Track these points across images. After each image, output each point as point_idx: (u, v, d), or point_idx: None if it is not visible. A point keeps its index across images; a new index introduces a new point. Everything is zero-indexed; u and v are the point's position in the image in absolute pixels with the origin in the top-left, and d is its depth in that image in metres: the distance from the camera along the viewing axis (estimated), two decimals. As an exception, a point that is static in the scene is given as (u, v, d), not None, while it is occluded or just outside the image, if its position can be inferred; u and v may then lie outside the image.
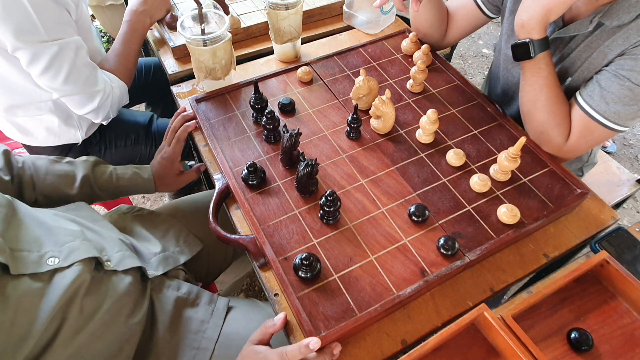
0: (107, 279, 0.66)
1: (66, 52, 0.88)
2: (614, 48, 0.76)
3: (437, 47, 1.09)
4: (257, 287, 1.53)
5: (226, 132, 0.87)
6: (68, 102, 0.97)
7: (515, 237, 0.71)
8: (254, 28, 1.13)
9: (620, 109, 0.75)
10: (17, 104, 1.00)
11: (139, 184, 0.90)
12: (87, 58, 0.94)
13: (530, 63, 0.79)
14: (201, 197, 1.03)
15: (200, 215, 0.95)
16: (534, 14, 0.74)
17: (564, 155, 0.84)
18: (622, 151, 2.14)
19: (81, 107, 0.97)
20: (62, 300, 0.57)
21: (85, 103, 0.97)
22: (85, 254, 0.62)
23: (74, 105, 0.97)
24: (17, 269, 0.55)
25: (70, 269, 0.60)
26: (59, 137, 1.08)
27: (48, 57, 0.86)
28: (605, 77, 0.77)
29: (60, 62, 0.88)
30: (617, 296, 0.67)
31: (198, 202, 1.00)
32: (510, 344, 0.56)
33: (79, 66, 0.91)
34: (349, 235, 0.71)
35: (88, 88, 0.94)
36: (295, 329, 0.64)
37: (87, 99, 0.96)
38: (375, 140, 0.86)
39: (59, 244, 0.62)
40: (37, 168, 0.80)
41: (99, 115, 1.01)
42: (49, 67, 0.87)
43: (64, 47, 0.87)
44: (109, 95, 0.99)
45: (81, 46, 0.92)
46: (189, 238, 0.89)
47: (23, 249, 0.58)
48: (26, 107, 1.01)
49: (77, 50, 0.90)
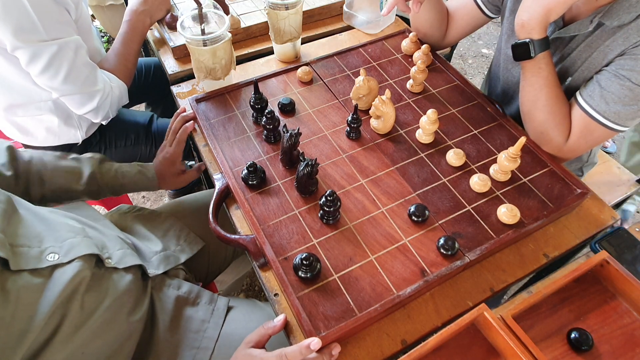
0: (108, 276, 0.66)
1: (66, 52, 0.88)
2: (614, 48, 0.76)
3: (437, 47, 1.09)
4: (257, 287, 1.53)
5: (226, 132, 0.87)
6: (67, 102, 0.97)
7: (515, 237, 0.71)
8: (254, 28, 1.13)
9: (621, 108, 0.75)
10: (17, 104, 1.00)
11: (143, 182, 0.91)
12: (86, 58, 0.93)
13: (530, 63, 0.79)
14: (201, 196, 1.03)
15: (201, 214, 0.95)
16: (534, 14, 0.74)
17: (564, 155, 0.84)
18: (622, 151, 2.14)
19: (80, 106, 0.97)
20: (62, 296, 0.57)
21: (85, 103, 0.97)
22: (86, 250, 0.63)
23: (74, 105, 0.97)
24: (18, 264, 0.55)
25: (71, 265, 0.60)
26: (58, 137, 1.08)
27: (47, 57, 0.86)
28: (606, 77, 0.77)
29: (59, 61, 0.88)
30: (617, 296, 0.67)
31: (199, 201, 1.01)
32: (510, 344, 0.57)
33: (78, 66, 0.91)
34: (349, 235, 0.71)
35: (87, 88, 0.94)
36: (295, 329, 0.64)
37: (86, 98, 0.96)
38: (375, 140, 0.86)
39: (60, 240, 0.62)
40: (44, 164, 0.81)
41: (99, 114, 1.01)
42: (48, 66, 0.87)
43: (63, 47, 0.87)
44: (108, 94, 0.99)
45: (81, 46, 0.92)
46: (189, 237, 0.89)
47: (23, 244, 0.58)
48: (26, 107, 1.01)
49: (77, 49, 0.90)
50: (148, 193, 1.88)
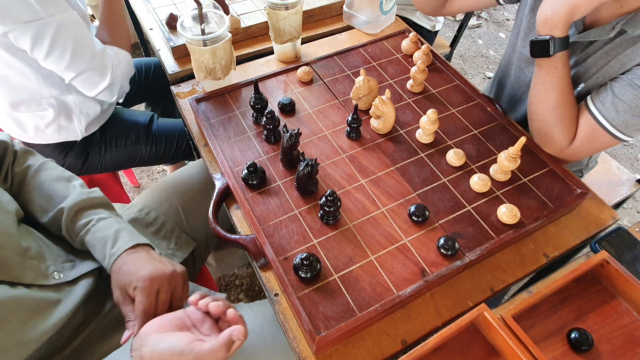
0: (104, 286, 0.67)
1: (67, 28, 0.88)
2: (633, 58, 0.75)
3: (434, 14, 1.07)
4: (257, 287, 1.53)
5: (226, 132, 0.87)
6: (80, 84, 0.96)
7: (515, 237, 0.71)
8: (254, 28, 1.13)
9: (629, 118, 0.74)
10: (19, 101, 1.00)
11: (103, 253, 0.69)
12: (89, 32, 0.93)
13: (547, 61, 0.77)
14: (189, 171, 1.01)
15: (194, 193, 0.95)
16: (558, 10, 0.71)
17: (564, 158, 0.84)
18: (622, 151, 2.14)
19: (94, 86, 0.97)
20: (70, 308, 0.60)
21: (98, 81, 0.97)
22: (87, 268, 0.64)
23: (87, 86, 0.97)
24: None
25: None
26: (58, 134, 1.08)
27: (50, 36, 0.86)
28: (620, 84, 0.75)
29: (64, 38, 0.87)
30: (617, 296, 0.68)
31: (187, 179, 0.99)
32: (510, 344, 0.57)
33: (83, 40, 0.91)
34: (349, 235, 0.71)
35: (97, 61, 0.94)
36: (296, 328, 0.64)
37: (98, 76, 0.96)
38: (375, 140, 0.86)
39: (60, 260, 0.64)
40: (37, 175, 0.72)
41: (114, 91, 1.01)
42: (52, 45, 0.87)
43: (63, 23, 0.87)
44: (117, 67, 0.99)
45: (80, 21, 0.91)
46: (180, 239, 0.89)
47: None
48: (28, 104, 1.01)
49: (78, 24, 0.90)
50: (146, 184, 1.89)
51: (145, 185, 1.91)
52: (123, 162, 1.25)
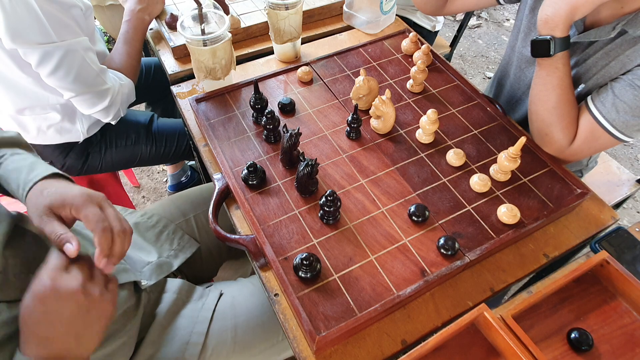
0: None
1: (75, 53, 0.89)
2: (633, 58, 0.74)
3: (435, 13, 1.07)
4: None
5: (226, 132, 0.87)
6: (78, 103, 0.97)
7: (515, 237, 0.71)
8: (254, 28, 1.13)
9: (630, 119, 0.74)
10: (25, 106, 1.01)
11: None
12: (95, 58, 0.94)
13: (547, 61, 0.77)
14: (199, 190, 1.03)
15: (196, 207, 0.95)
16: (559, 10, 0.71)
17: (564, 158, 0.84)
18: (622, 151, 2.14)
19: (91, 106, 0.98)
20: None
21: (96, 103, 0.97)
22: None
23: (84, 106, 0.98)
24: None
25: None
26: (60, 136, 1.08)
27: (57, 58, 0.87)
28: (621, 85, 0.75)
29: (69, 62, 0.89)
30: (617, 296, 0.67)
31: (197, 195, 1.00)
32: (510, 344, 0.57)
33: (88, 66, 0.92)
34: (349, 235, 0.71)
35: (97, 87, 0.95)
36: (296, 328, 0.64)
37: (97, 98, 0.97)
38: (375, 140, 0.86)
39: None
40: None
41: (110, 113, 1.02)
42: (58, 67, 0.88)
43: (72, 48, 0.88)
44: (118, 92, 1.00)
45: (89, 47, 0.93)
46: (183, 240, 0.89)
47: None
48: (33, 108, 1.02)
49: (86, 50, 0.91)
50: (148, 193, 1.89)
51: (145, 185, 1.90)
52: (123, 162, 1.25)
